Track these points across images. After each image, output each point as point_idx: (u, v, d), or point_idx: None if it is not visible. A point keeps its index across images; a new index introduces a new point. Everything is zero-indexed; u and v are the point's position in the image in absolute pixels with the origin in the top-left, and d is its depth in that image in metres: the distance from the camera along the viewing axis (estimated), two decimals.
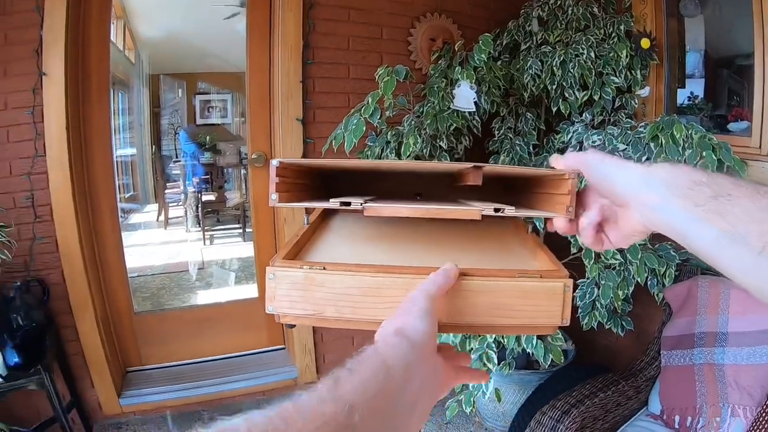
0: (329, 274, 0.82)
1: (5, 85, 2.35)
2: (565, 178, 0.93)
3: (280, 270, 0.83)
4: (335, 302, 0.83)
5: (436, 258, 1.00)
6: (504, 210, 0.91)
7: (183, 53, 4.91)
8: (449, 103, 2.35)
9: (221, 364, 3.09)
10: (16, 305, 2.27)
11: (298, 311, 0.84)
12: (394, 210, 0.87)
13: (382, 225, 1.23)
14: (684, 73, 2.75)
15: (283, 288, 0.83)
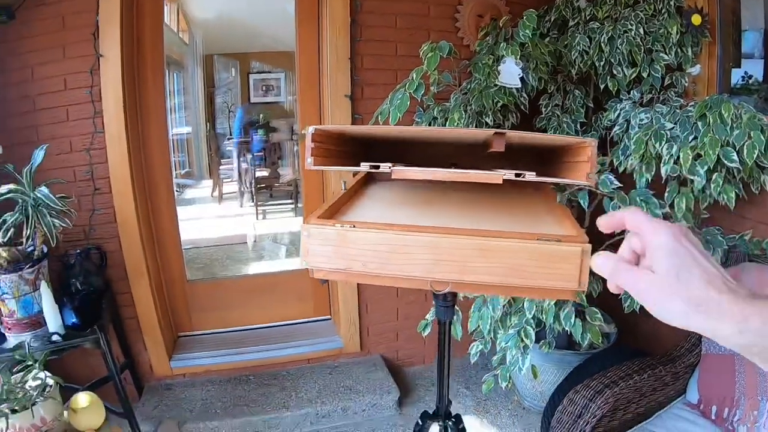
0: (359, 232, 0.88)
1: (64, 67, 2.49)
2: (585, 146, 0.96)
3: (314, 227, 0.90)
4: (364, 258, 0.89)
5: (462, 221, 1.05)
6: (524, 175, 0.94)
7: (235, 33, 5.02)
8: (494, 79, 2.36)
9: (268, 332, 3.19)
10: (75, 271, 2.42)
11: (330, 266, 0.91)
12: (420, 173, 0.93)
13: (416, 191, 1.28)
14: (740, 53, 2.66)
15: (316, 244, 0.90)
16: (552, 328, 2.27)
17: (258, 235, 4.66)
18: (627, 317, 2.60)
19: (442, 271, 0.88)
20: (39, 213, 1.96)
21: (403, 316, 3.16)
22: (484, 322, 2.24)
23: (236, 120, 5.44)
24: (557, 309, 2.20)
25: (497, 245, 0.86)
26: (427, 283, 0.91)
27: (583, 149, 0.93)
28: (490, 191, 1.24)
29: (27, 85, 2.47)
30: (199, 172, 5.32)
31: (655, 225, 0.56)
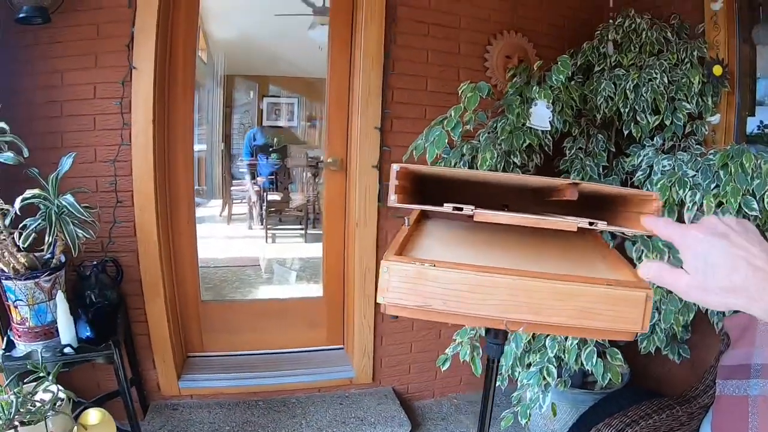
0: (439, 270, 0.91)
1: (95, 75, 2.49)
2: (651, 199, 1.01)
3: (394, 264, 0.92)
4: (443, 296, 0.91)
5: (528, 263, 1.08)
6: (597, 224, 0.99)
7: (256, 56, 5.08)
8: (524, 120, 2.41)
9: (280, 358, 3.17)
10: (91, 283, 2.40)
11: (407, 302, 0.93)
12: (502, 217, 0.96)
13: (472, 231, 1.31)
14: (754, 101, 2.74)
15: (396, 281, 0.92)
16: (569, 367, 2.30)
17: (268, 259, 4.66)
18: (638, 358, 2.63)
19: (517, 311, 0.91)
20: (62, 221, 1.93)
21: (417, 349, 3.17)
22: (506, 359, 2.27)
23: (246, 141, 5.47)
24: (579, 349, 2.22)
25: (571, 289, 0.90)
26: (502, 323, 0.94)
27: (649, 202, 0.97)
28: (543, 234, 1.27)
29: (55, 90, 2.46)
30: (210, 191, 5.33)
31: (683, 230, 0.65)
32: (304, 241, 4.98)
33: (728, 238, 0.61)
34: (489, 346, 1.20)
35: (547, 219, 0.97)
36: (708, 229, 0.62)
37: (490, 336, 1.18)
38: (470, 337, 2.41)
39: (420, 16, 2.88)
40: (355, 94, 2.90)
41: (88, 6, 2.43)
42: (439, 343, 3.15)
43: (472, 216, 0.96)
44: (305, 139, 5.46)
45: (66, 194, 1.96)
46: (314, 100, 5.36)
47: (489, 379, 1.27)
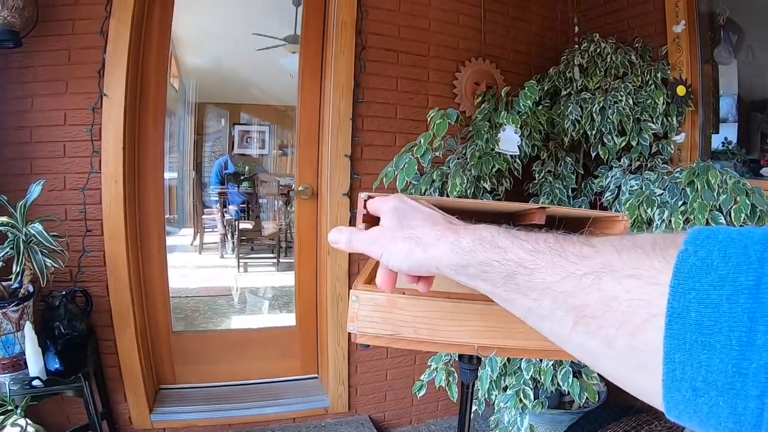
0: (410, 299, 0.90)
1: (66, 102, 2.45)
2: (618, 220, 1.01)
3: (363, 293, 0.91)
4: (414, 324, 0.90)
5: None
6: None
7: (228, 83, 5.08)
8: (493, 145, 2.44)
9: (253, 389, 3.12)
10: (60, 313, 2.33)
11: (378, 331, 0.92)
12: None
13: None
14: (718, 119, 2.82)
15: (365, 310, 0.91)
16: (546, 388, 2.30)
17: (240, 289, 4.61)
18: None
19: (489, 336, 0.91)
20: (30, 250, 1.90)
21: (392, 376, 3.14)
22: (482, 383, 2.26)
23: (215, 168, 5.44)
24: (554, 369, 2.22)
25: None
26: (474, 348, 0.93)
27: (616, 223, 0.98)
28: None
29: (26, 116, 2.42)
30: (181, 220, 5.27)
31: (383, 198, 0.65)
32: (277, 269, 4.95)
33: (427, 206, 0.61)
34: (463, 371, 1.19)
35: None
36: (407, 197, 0.63)
37: (463, 361, 1.17)
38: (445, 362, 2.40)
39: (390, 45, 2.92)
40: (326, 122, 2.91)
41: (60, 31, 2.40)
42: (414, 369, 3.13)
43: None
44: (277, 167, 5.45)
45: (34, 222, 1.93)
46: (286, 128, 5.38)
47: (464, 404, 1.26)
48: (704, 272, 0.34)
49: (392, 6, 2.92)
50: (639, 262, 0.37)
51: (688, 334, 0.33)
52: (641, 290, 0.36)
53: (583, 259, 0.41)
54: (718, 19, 2.73)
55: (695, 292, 0.33)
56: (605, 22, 3.25)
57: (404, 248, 0.55)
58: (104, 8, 2.41)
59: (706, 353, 0.32)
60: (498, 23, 3.21)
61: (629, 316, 0.37)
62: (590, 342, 0.40)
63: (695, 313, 0.33)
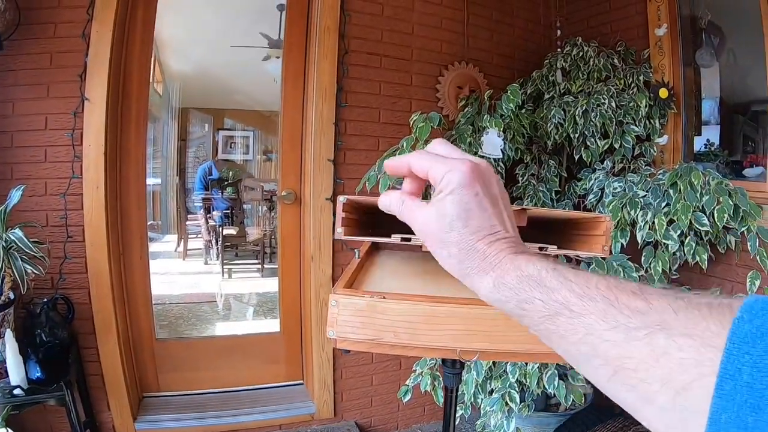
0: (390, 303, 0.89)
1: (47, 106, 2.41)
2: (601, 221, 1.02)
3: (343, 297, 0.90)
4: (395, 328, 0.89)
5: None
6: (547, 249, 0.99)
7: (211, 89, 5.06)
8: (476, 149, 2.44)
9: (238, 396, 3.09)
10: (41, 321, 2.27)
11: (358, 336, 0.91)
12: None
13: (424, 261, 1.30)
14: (700, 121, 2.84)
15: (345, 314, 0.90)
16: (532, 391, 2.30)
17: (225, 295, 4.58)
18: None
19: (470, 340, 0.90)
20: (10, 256, 1.87)
21: (378, 381, 3.12)
22: (468, 387, 2.25)
23: (199, 174, 5.40)
24: (540, 372, 2.22)
25: None
26: (456, 353, 0.92)
27: (599, 223, 0.98)
28: None
29: (6, 120, 2.38)
30: (165, 226, 5.23)
31: (448, 164, 0.53)
32: (261, 275, 4.94)
33: (493, 194, 0.54)
34: (446, 375, 1.18)
35: None
36: (480, 173, 0.53)
37: (447, 365, 1.16)
38: (430, 366, 2.39)
39: (373, 49, 2.91)
40: (309, 126, 2.90)
41: (42, 34, 2.37)
42: (400, 374, 3.12)
43: (421, 246, 0.95)
44: (261, 172, 5.42)
45: (15, 228, 1.90)
46: (270, 133, 5.36)
47: (448, 408, 1.25)
48: (759, 339, 0.34)
49: (375, 10, 2.91)
50: (695, 323, 0.37)
51: (738, 395, 0.33)
52: (695, 350, 0.36)
53: (636, 313, 0.40)
54: (699, 23, 2.76)
55: (749, 356, 0.33)
56: (588, 25, 3.27)
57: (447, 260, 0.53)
58: (86, 11, 2.38)
59: (754, 415, 0.32)
60: (481, 27, 3.22)
61: (677, 374, 0.36)
62: (627, 395, 0.40)
63: (747, 376, 0.33)
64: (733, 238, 2.28)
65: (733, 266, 2.44)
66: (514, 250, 0.50)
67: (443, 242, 0.53)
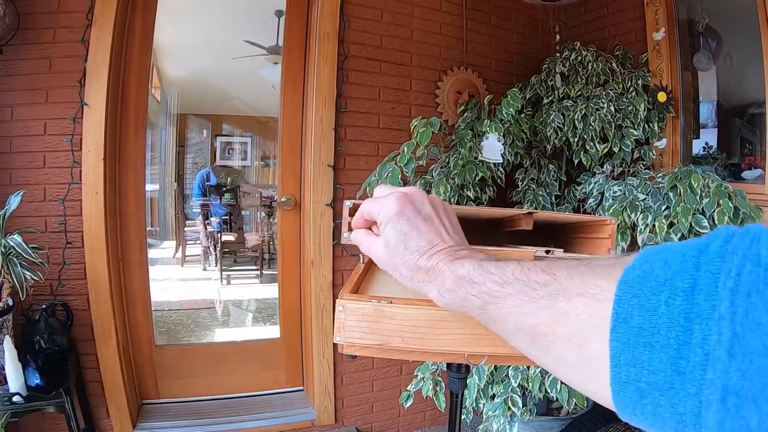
0: (397, 308, 0.89)
1: (46, 111, 2.41)
2: (606, 224, 1.02)
3: (350, 302, 0.89)
4: (402, 333, 0.89)
5: None
6: (554, 252, 0.99)
7: (209, 94, 5.05)
8: (476, 153, 2.45)
9: (238, 402, 3.08)
10: (40, 327, 2.27)
11: (365, 341, 0.90)
12: None
13: None
14: (699, 124, 2.86)
15: (352, 320, 0.89)
16: (534, 395, 2.29)
17: (224, 301, 4.56)
18: None
19: (478, 344, 0.89)
20: (9, 262, 1.87)
21: (379, 387, 3.12)
22: (470, 392, 2.25)
23: (197, 180, 5.39)
24: (542, 376, 2.22)
25: None
26: (463, 357, 0.92)
27: (604, 227, 0.98)
28: None
29: (5, 125, 2.37)
30: (163, 232, 5.22)
31: (382, 202, 0.64)
32: (260, 281, 4.92)
33: (428, 214, 0.63)
34: (451, 380, 1.18)
35: (504, 249, 0.97)
36: (410, 200, 0.63)
37: (452, 370, 1.16)
38: (432, 372, 2.39)
39: (372, 54, 2.92)
40: (308, 132, 2.90)
41: (41, 39, 2.37)
42: (401, 379, 3.11)
43: None
44: (259, 178, 5.42)
45: (14, 234, 1.90)
46: (268, 139, 5.36)
47: (454, 414, 1.25)
48: (645, 281, 0.37)
49: (375, 16, 2.92)
50: (587, 282, 0.42)
51: (632, 338, 0.36)
52: (587, 306, 0.40)
53: (542, 286, 0.45)
54: (697, 26, 2.77)
55: (637, 299, 0.36)
56: (586, 30, 3.29)
57: (405, 274, 0.64)
58: (86, 17, 2.39)
59: (647, 353, 0.34)
60: (480, 32, 3.24)
61: (577, 330, 0.41)
62: (545, 358, 0.45)
63: (638, 318, 0.36)
64: None
65: None
66: (452, 258, 0.57)
67: (394, 265, 0.64)
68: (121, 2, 2.49)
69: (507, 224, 1.19)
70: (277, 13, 3.44)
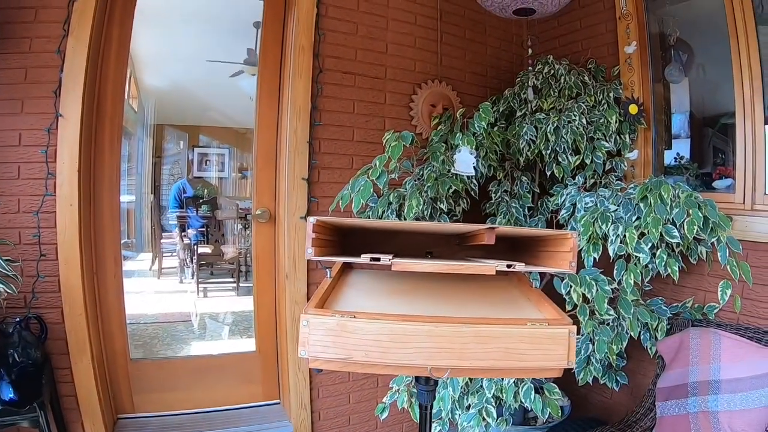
0: (360, 322, 0.90)
1: (20, 122, 2.38)
2: (567, 237, 1.04)
3: (314, 317, 0.91)
4: (365, 347, 0.90)
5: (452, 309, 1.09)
6: (515, 266, 1.01)
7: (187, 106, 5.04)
8: (449, 166, 2.47)
9: (214, 416, 3.05)
10: (14, 341, 2.23)
11: (329, 355, 0.92)
12: (420, 266, 0.96)
13: (396, 280, 1.31)
14: (671, 135, 2.91)
15: (316, 334, 0.91)
16: (510, 406, 2.31)
17: (200, 314, 4.53)
18: (579, 390, 2.69)
19: (441, 357, 0.91)
20: None
21: (355, 399, 3.11)
22: (444, 403, 2.26)
23: (173, 192, 5.35)
24: (516, 387, 2.24)
25: (493, 331, 0.91)
26: (426, 370, 0.93)
27: (565, 241, 1.00)
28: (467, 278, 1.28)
29: None
30: (139, 244, 5.18)
31: None
32: (237, 294, 4.90)
33: None
34: (420, 392, 1.19)
35: (465, 264, 0.98)
36: None
37: (420, 382, 1.17)
38: (407, 383, 2.40)
39: (347, 68, 2.94)
40: (283, 144, 2.90)
41: (17, 49, 2.35)
42: (377, 391, 3.11)
43: (390, 266, 0.96)
44: (236, 190, 5.41)
45: None
46: (246, 151, 5.36)
47: (423, 425, 1.26)
48: None
49: (350, 29, 2.94)
50: None
51: None
52: None
53: None
54: (668, 40, 2.83)
55: None
56: (559, 44, 3.34)
57: None
58: (62, 27, 2.37)
59: None
60: (454, 46, 3.27)
61: None
62: None
63: None
64: (704, 249, 2.34)
65: (705, 276, 2.49)
66: None
67: None
68: (98, 13, 2.47)
69: (469, 239, 1.21)
70: (255, 25, 3.46)
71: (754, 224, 2.34)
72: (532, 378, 2.28)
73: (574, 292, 2.30)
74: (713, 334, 2.20)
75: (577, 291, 2.29)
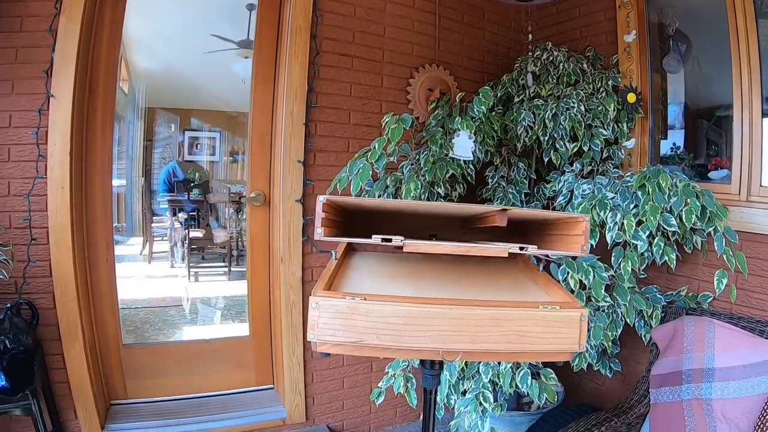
0: (372, 304, 0.88)
1: (11, 103, 2.33)
2: (579, 221, 1.03)
3: (323, 299, 0.89)
4: (377, 330, 0.88)
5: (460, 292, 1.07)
6: (528, 249, 0.99)
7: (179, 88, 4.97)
8: (447, 150, 2.45)
9: (208, 402, 3.04)
10: (5, 327, 2.20)
11: (339, 339, 0.90)
12: (433, 247, 0.95)
13: (400, 263, 1.30)
14: (667, 125, 2.91)
15: (326, 317, 0.89)
16: (504, 391, 2.31)
17: (192, 299, 4.50)
18: (572, 376, 2.69)
19: (454, 340, 0.90)
20: None
21: (350, 384, 3.11)
22: (441, 388, 2.25)
23: (162, 175, 5.29)
24: (513, 372, 2.24)
25: (507, 314, 0.90)
26: (439, 353, 0.92)
27: (578, 224, 0.99)
28: (472, 261, 1.27)
29: None
30: (130, 228, 5.12)
31: None
32: (228, 278, 4.86)
33: None
34: (425, 377, 1.18)
35: (479, 246, 0.97)
36: None
37: (425, 366, 1.16)
38: (403, 368, 2.39)
39: (344, 50, 2.91)
40: (278, 127, 2.87)
41: (7, 28, 2.29)
42: (371, 376, 3.11)
43: (401, 247, 0.94)
44: (228, 174, 5.36)
45: None
46: (237, 135, 5.31)
47: (428, 410, 1.25)
48: None
49: (348, 11, 2.91)
50: None
51: None
52: None
53: None
54: (667, 30, 2.82)
55: None
56: (558, 31, 3.32)
57: None
58: (54, 5, 2.31)
59: None
60: (452, 30, 3.25)
61: None
62: None
63: None
64: (699, 238, 2.35)
65: (700, 265, 2.51)
66: None
67: None
68: None
69: (479, 221, 1.19)
70: (249, 7, 3.40)
71: (750, 215, 2.35)
72: (529, 363, 2.28)
73: (571, 278, 2.30)
74: (707, 322, 2.21)
75: (574, 277, 2.29)
